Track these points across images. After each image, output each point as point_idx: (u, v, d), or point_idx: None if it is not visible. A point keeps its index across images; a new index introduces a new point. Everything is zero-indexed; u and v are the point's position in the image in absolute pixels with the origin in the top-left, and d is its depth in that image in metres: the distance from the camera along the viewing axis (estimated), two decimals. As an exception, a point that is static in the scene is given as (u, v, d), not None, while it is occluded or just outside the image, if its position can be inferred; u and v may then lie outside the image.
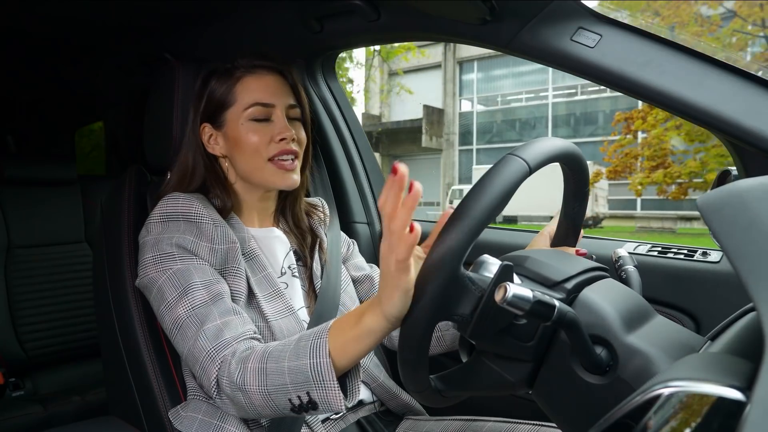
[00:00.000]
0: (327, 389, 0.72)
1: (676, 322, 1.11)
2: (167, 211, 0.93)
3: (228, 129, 0.99)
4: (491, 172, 0.62)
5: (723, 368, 0.40)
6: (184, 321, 0.84)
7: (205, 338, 0.82)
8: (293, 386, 0.73)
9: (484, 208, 0.60)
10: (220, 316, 0.84)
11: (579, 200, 0.82)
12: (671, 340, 0.60)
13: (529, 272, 0.66)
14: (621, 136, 12.62)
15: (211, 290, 0.87)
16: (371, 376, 1.06)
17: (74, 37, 1.61)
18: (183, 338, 0.84)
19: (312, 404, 0.74)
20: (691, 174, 11.03)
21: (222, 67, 1.01)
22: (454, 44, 12.94)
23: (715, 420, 0.36)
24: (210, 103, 1.00)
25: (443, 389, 0.69)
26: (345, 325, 0.72)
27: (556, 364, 0.62)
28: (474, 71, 18.31)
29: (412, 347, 0.62)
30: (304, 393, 0.73)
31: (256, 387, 0.76)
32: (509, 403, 1.31)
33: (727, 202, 0.43)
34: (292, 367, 0.74)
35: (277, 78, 1.01)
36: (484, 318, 0.60)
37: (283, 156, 0.97)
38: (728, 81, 0.87)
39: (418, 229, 0.60)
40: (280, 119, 0.98)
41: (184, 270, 0.88)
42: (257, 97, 0.97)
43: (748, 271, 0.38)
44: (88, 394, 1.85)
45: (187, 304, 0.85)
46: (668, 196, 11.83)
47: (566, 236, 0.89)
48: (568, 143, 0.72)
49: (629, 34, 0.94)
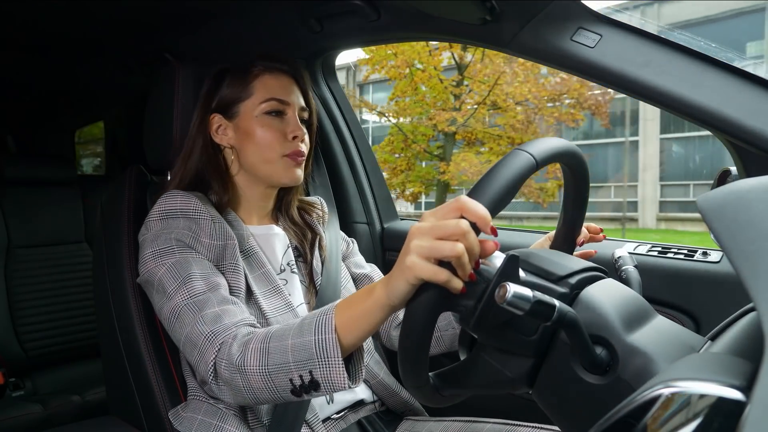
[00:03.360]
0: (331, 366, 0.70)
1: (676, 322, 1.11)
2: (166, 209, 0.94)
3: (240, 120, 1.01)
4: (499, 164, 0.62)
5: (723, 368, 0.40)
6: (182, 309, 0.84)
7: (203, 323, 0.81)
8: (296, 364, 0.72)
9: (491, 200, 0.60)
10: (218, 304, 0.84)
11: (578, 207, 0.82)
12: (671, 340, 0.60)
13: (533, 267, 0.66)
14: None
15: (209, 281, 0.87)
16: (371, 373, 1.06)
17: (74, 37, 1.61)
18: (181, 325, 0.84)
19: (314, 384, 0.72)
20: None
21: (237, 66, 1.03)
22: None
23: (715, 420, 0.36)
24: (223, 96, 1.02)
25: (442, 387, 0.68)
26: (353, 301, 0.71)
27: (556, 364, 0.62)
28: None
29: (414, 337, 0.62)
30: (307, 372, 0.72)
31: (256, 367, 0.74)
32: (509, 404, 1.31)
33: (727, 202, 0.43)
34: (296, 344, 0.72)
35: (292, 80, 1.04)
36: (488, 309, 0.60)
37: (294, 156, 1.00)
38: (728, 81, 0.87)
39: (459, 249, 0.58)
40: (293, 118, 1.01)
41: (182, 261, 0.88)
42: (275, 93, 1.00)
43: (748, 271, 0.38)
44: (88, 394, 1.86)
45: (185, 293, 0.85)
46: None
47: (563, 242, 0.88)
48: (572, 144, 0.72)
49: (629, 34, 0.94)
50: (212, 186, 1.01)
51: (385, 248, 1.61)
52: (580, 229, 0.87)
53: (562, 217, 0.86)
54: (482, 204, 0.59)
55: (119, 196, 1.11)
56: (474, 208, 0.58)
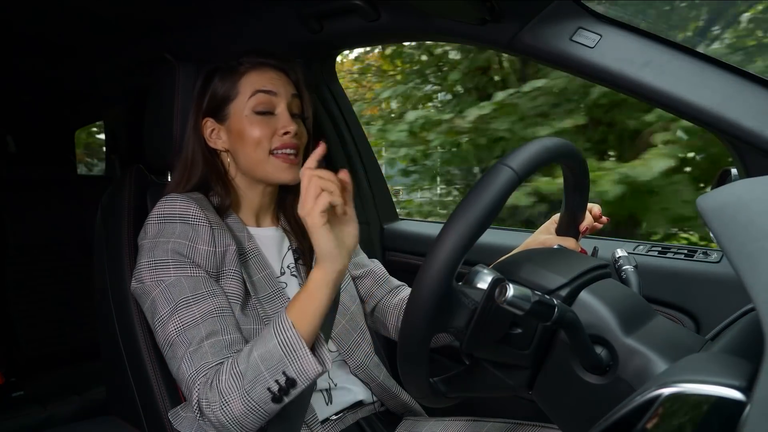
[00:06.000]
0: (300, 358, 0.77)
1: (676, 322, 1.12)
2: (164, 213, 0.93)
3: (231, 122, 1.00)
4: (480, 182, 0.62)
5: (723, 368, 0.40)
6: (174, 339, 0.85)
7: (189, 361, 0.83)
8: (269, 371, 0.77)
9: (473, 222, 0.59)
10: (207, 337, 0.85)
11: (579, 192, 0.82)
12: (671, 340, 0.60)
13: (524, 280, 0.65)
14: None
15: (201, 306, 0.87)
16: (370, 375, 1.06)
17: (74, 36, 1.61)
18: (173, 356, 0.86)
19: (290, 382, 0.77)
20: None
21: (226, 65, 1.02)
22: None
23: (715, 420, 0.36)
24: (213, 97, 1.01)
25: (446, 391, 0.69)
26: (297, 296, 0.82)
27: (556, 365, 0.62)
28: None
29: (409, 361, 0.63)
30: (281, 373, 0.77)
31: (234, 393, 0.78)
32: (509, 403, 1.31)
33: (727, 202, 0.43)
34: (263, 354, 0.78)
35: (281, 74, 1.02)
36: (478, 330, 0.60)
37: (284, 149, 0.98)
38: (728, 81, 0.87)
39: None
40: (284, 113, 0.99)
41: (176, 282, 0.88)
42: (261, 85, 0.99)
43: (748, 271, 0.38)
44: (88, 394, 1.85)
45: (177, 321, 0.86)
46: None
47: (567, 228, 0.90)
48: (557, 141, 0.70)
49: (629, 34, 0.94)
50: (214, 189, 1.01)
51: (385, 248, 1.61)
52: (583, 214, 0.88)
53: (564, 203, 0.86)
54: (466, 224, 0.59)
55: (119, 196, 1.11)
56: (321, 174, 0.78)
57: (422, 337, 0.61)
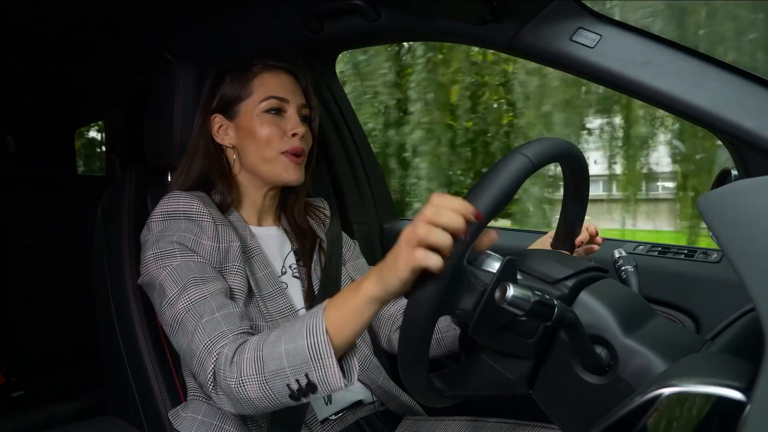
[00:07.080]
0: (326, 367, 0.71)
1: (676, 322, 1.12)
2: (168, 210, 0.93)
3: (241, 120, 1.01)
4: (496, 167, 0.63)
5: (723, 368, 0.40)
6: (183, 316, 0.83)
7: (203, 331, 0.81)
8: (291, 369, 0.72)
9: (488, 204, 0.60)
10: (218, 309, 0.83)
11: (578, 203, 0.82)
12: (671, 340, 0.60)
13: (531, 269, 0.66)
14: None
15: (209, 286, 0.86)
16: (370, 377, 1.06)
17: (74, 36, 1.61)
18: (183, 333, 0.83)
19: (311, 386, 0.72)
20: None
21: (237, 65, 1.03)
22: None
23: (715, 420, 0.36)
24: (224, 95, 1.02)
25: (443, 388, 0.68)
26: (341, 300, 0.72)
27: (556, 364, 0.62)
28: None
29: (413, 343, 0.62)
30: (303, 375, 0.72)
31: (253, 376, 0.74)
32: (509, 403, 1.31)
33: (727, 202, 0.43)
34: (289, 350, 0.73)
35: (292, 78, 1.04)
36: (486, 313, 0.60)
37: (292, 152, 1.00)
38: (728, 81, 0.87)
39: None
40: (293, 115, 1.01)
41: (183, 265, 0.88)
42: (274, 91, 1.00)
43: (748, 271, 0.38)
44: (88, 394, 1.85)
45: (186, 299, 0.84)
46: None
47: (564, 240, 0.88)
48: (571, 144, 0.72)
49: (629, 34, 0.94)
50: (216, 186, 1.01)
51: (385, 248, 1.61)
52: (580, 228, 0.87)
53: (562, 214, 0.86)
54: (480, 209, 0.60)
55: (119, 196, 1.11)
56: (463, 205, 0.60)
57: (429, 317, 0.60)
